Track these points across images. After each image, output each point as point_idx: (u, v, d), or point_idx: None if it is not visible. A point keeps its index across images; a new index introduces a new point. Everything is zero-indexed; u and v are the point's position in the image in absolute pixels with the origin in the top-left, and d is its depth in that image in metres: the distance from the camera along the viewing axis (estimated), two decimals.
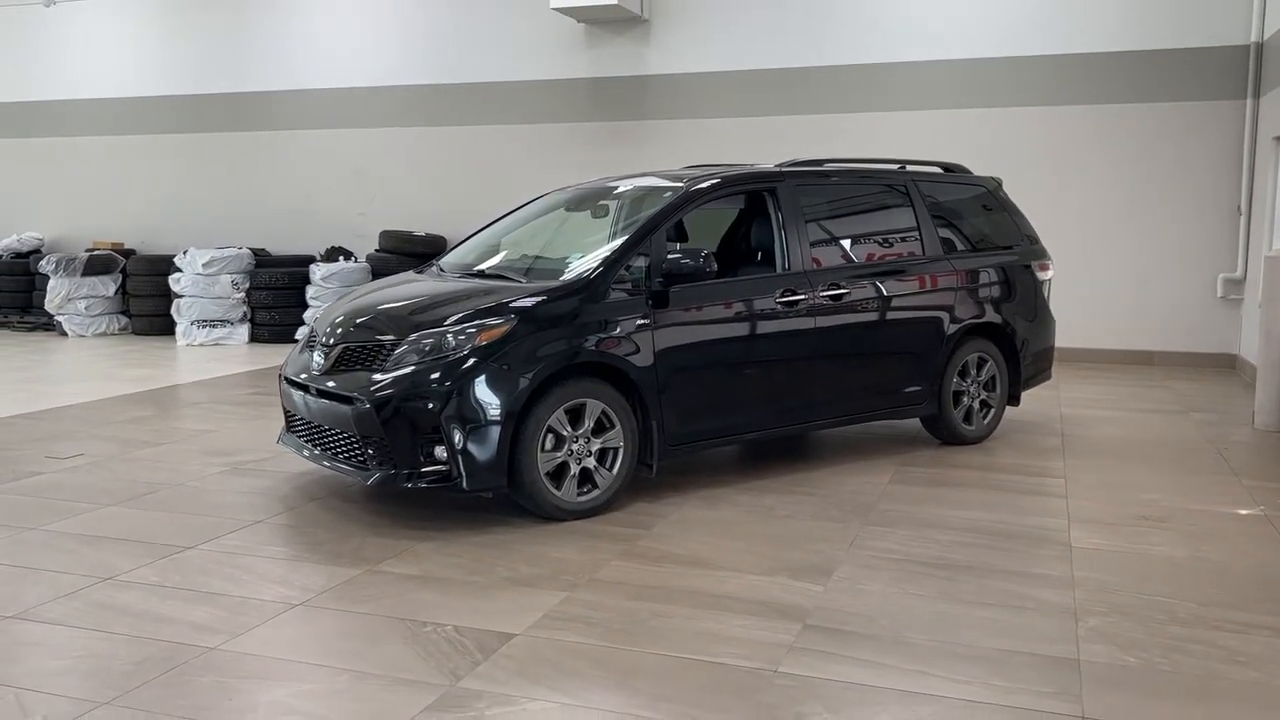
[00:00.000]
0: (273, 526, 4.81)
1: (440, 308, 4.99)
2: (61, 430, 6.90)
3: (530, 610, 3.77)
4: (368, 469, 4.79)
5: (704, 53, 11.03)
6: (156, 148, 13.37)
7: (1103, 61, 9.87)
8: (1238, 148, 9.59)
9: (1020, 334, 6.59)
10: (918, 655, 3.40)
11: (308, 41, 12.56)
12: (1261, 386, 7.01)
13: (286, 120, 12.77)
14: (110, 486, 5.48)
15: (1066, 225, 9.87)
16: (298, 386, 5.21)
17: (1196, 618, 3.73)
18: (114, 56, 13.43)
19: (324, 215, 12.68)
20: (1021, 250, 6.78)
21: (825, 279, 5.71)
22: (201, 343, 11.61)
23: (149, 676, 3.24)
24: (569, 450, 4.83)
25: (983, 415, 6.53)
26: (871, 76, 10.51)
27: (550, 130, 11.67)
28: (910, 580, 4.10)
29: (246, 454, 6.23)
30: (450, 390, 4.60)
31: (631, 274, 5.12)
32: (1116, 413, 7.61)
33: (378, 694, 3.13)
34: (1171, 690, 3.17)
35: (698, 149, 10.58)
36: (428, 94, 12.11)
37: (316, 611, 3.78)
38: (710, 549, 4.48)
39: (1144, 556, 4.40)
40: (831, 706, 3.05)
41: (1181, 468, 5.95)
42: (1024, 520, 4.91)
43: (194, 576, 4.13)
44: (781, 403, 5.61)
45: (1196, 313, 9.85)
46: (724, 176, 5.72)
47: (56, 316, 12.52)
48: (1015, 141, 10.10)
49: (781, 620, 3.69)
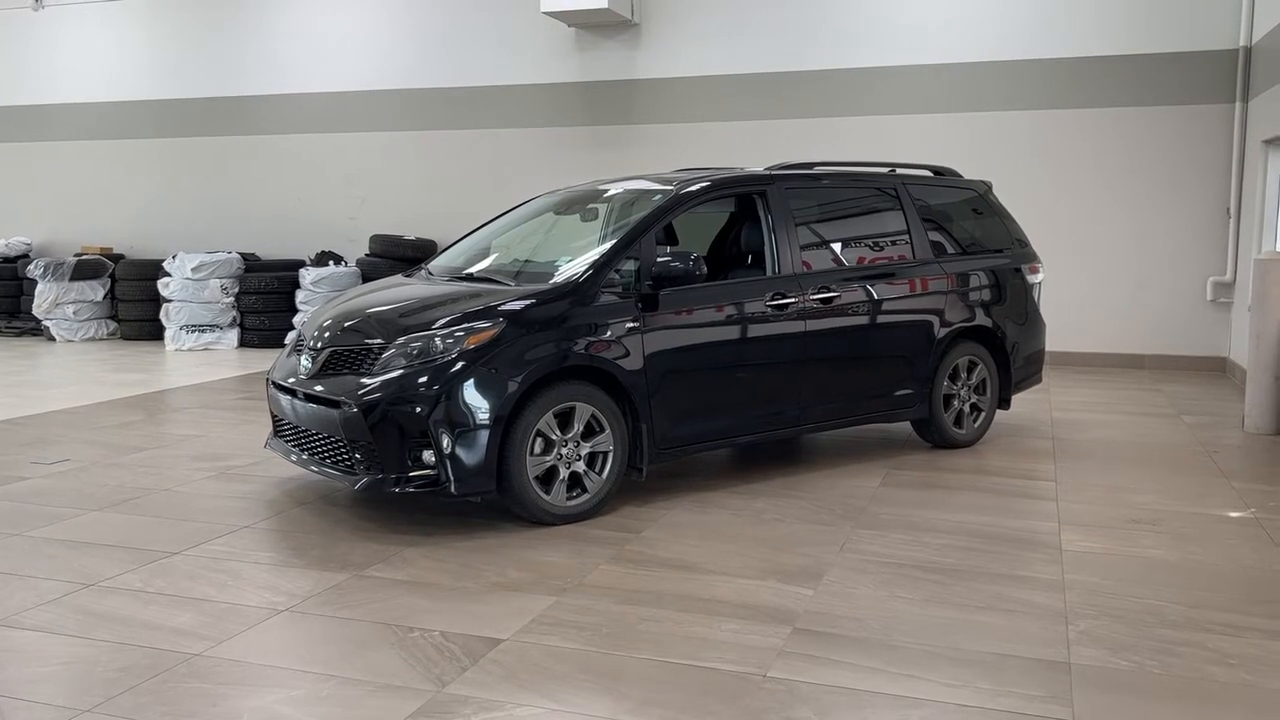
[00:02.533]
0: (259, 531, 4.77)
1: (428, 311, 4.96)
2: (47, 435, 6.85)
3: (518, 615, 3.75)
4: (355, 473, 4.76)
5: (694, 56, 11.03)
6: (145, 152, 13.32)
7: (1092, 66, 9.89)
8: (1227, 151, 9.62)
9: (1010, 337, 6.59)
10: (908, 659, 3.39)
11: (297, 46, 12.53)
12: (1251, 389, 7.02)
13: (276, 124, 12.74)
14: (96, 492, 5.44)
15: (1056, 229, 9.89)
16: (285, 391, 5.18)
17: (1187, 620, 3.72)
18: (103, 60, 13.38)
19: (313, 219, 12.64)
20: (1012, 253, 6.78)
21: (815, 282, 5.70)
22: (190, 347, 11.56)
23: (133, 683, 3.21)
24: (558, 454, 4.80)
25: (973, 418, 6.53)
26: (861, 81, 10.52)
27: (540, 134, 11.65)
28: (900, 584, 4.09)
29: (234, 459, 6.19)
30: (438, 394, 4.58)
31: (621, 277, 5.11)
32: (1107, 416, 7.61)
33: (364, 700, 3.10)
34: (1162, 693, 3.16)
35: (688, 152, 10.57)
36: (417, 98, 12.09)
37: (303, 617, 3.75)
38: (700, 553, 4.46)
39: (1134, 559, 4.40)
40: (821, 711, 3.03)
41: (1172, 470, 5.95)
42: (1014, 523, 4.91)
43: (179, 582, 4.10)
44: (772, 406, 5.60)
45: (1186, 316, 9.88)
46: (714, 180, 5.71)
47: (44, 321, 12.44)
48: (1005, 145, 10.11)
49: (771, 624, 3.67)
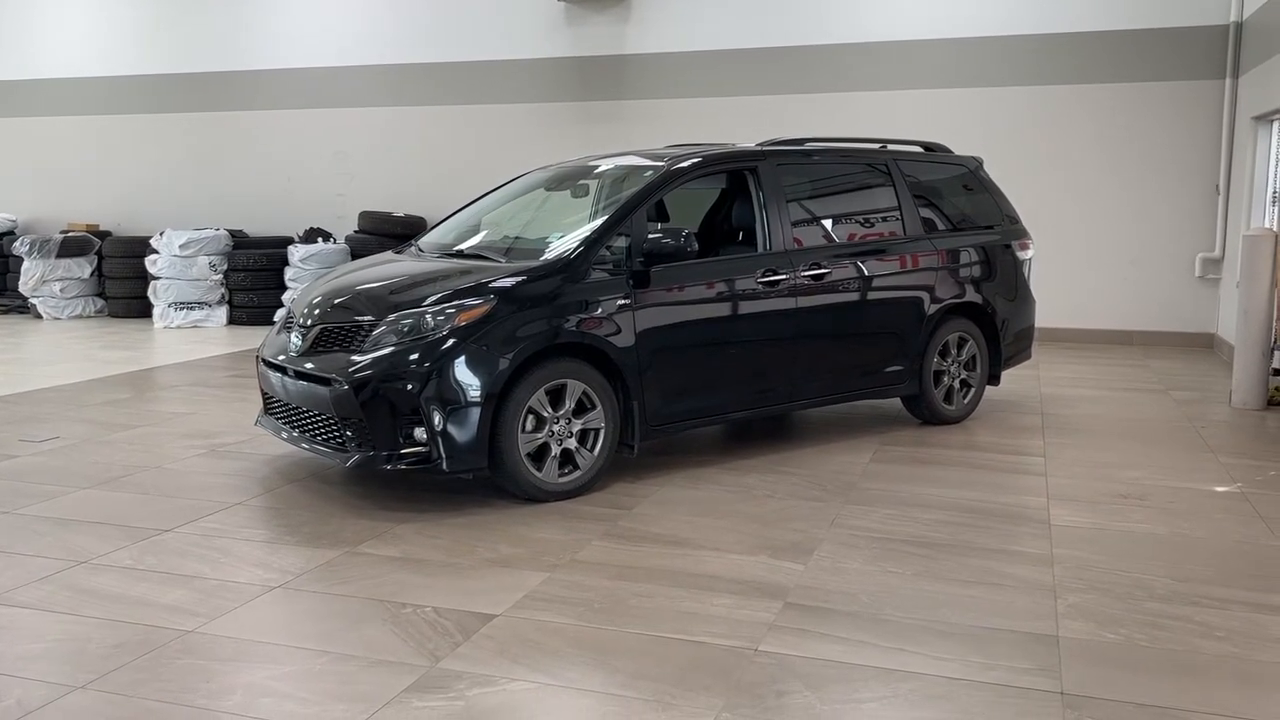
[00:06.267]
0: (251, 509, 4.77)
1: (419, 288, 4.94)
2: (36, 413, 6.82)
3: (511, 591, 3.76)
4: (346, 451, 4.76)
5: (686, 31, 10.96)
6: (132, 128, 13.20)
7: (1083, 41, 9.86)
8: (1216, 127, 9.61)
9: (1001, 313, 6.60)
10: (898, 633, 3.41)
11: (285, 20, 12.41)
12: (1239, 365, 7.06)
13: (264, 100, 12.62)
14: (86, 470, 5.42)
15: (1045, 205, 9.89)
16: (275, 368, 5.16)
17: (1175, 594, 3.75)
18: (89, 35, 13.23)
19: (302, 196, 12.56)
20: (1002, 230, 6.78)
21: (806, 259, 5.70)
22: (179, 325, 11.51)
23: (125, 660, 3.21)
24: (550, 431, 4.81)
25: (963, 395, 6.55)
26: (853, 56, 10.47)
27: (530, 110, 11.58)
28: (891, 558, 4.11)
29: (224, 436, 6.17)
30: (429, 371, 4.57)
31: (612, 254, 5.09)
32: (1096, 392, 7.65)
33: (357, 675, 3.11)
34: (1150, 665, 3.19)
35: (679, 128, 10.53)
36: (407, 73, 12.00)
37: (295, 594, 3.75)
38: (691, 529, 4.48)
39: (1123, 533, 4.43)
40: (812, 684, 3.05)
41: (1160, 446, 5.99)
42: (1004, 498, 4.93)
43: (171, 559, 4.10)
44: (763, 383, 5.60)
45: (1175, 292, 9.91)
46: (705, 156, 5.69)
47: (31, 299, 12.35)
48: (995, 121, 10.09)
49: (762, 599, 3.69)
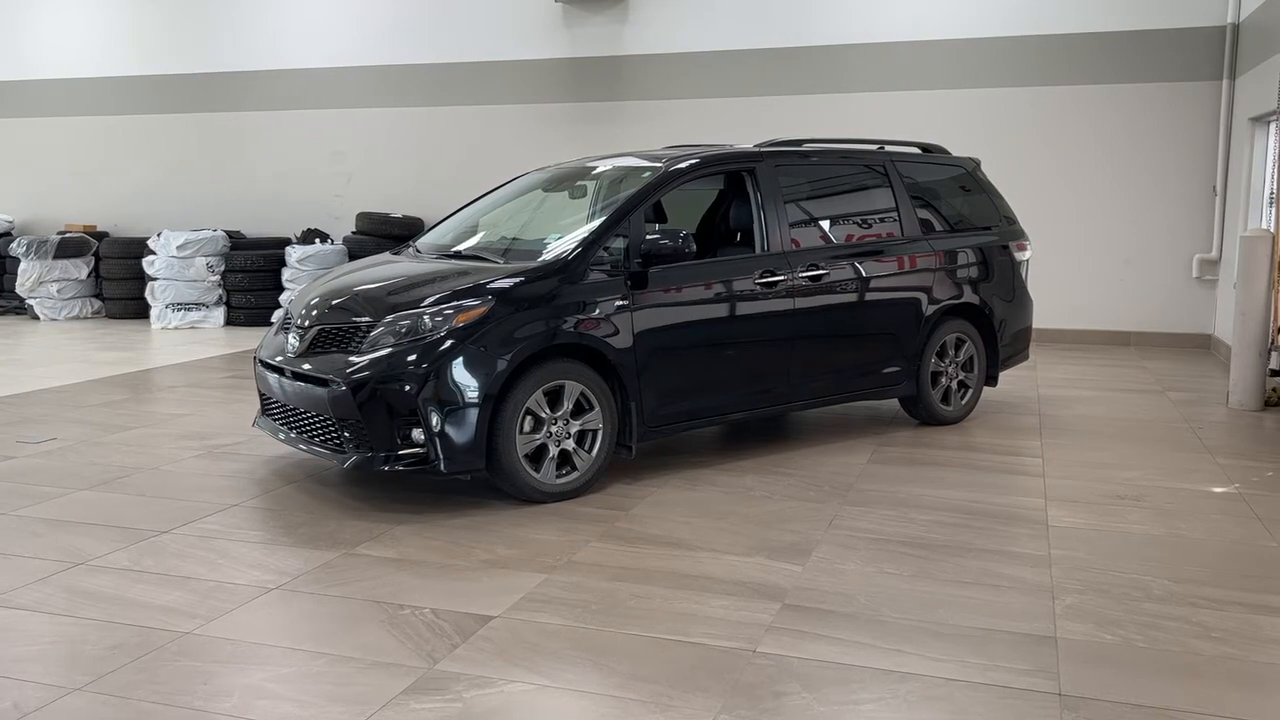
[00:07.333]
0: (248, 510, 4.76)
1: (417, 289, 4.94)
2: (33, 415, 6.81)
3: (509, 592, 3.76)
4: (344, 452, 4.75)
5: (683, 32, 10.96)
6: (130, 129, 13.19)
7: (1081, 42, 9.88)
8: (1213, 128, 9.63)
9: (998, 314, 6.61)
10: (896, 634, 3.41)
11: (283, 21, 12.40)
12: (1236, 366, 7.07)
13: (261, 101, 12.62)
14: (83, 471, 5.41)
15: (1043, 206, 9.90)
16: (273, 369, 5.16)
17: (1172, 595, 3.76)
18: (87, 36, 13.22)
19: (300, 197, 12.55)
20: (999, 231, 6.79)
21: (804, 260, 5.70)
22: (176, 326, 11.50)
23: (122, 662, 3.20)
24: (548, 432, 4.80)
25: (961, 395, 6.55)
26: (852, 58, 10.48)
27: (528, 111, 11.58)
28: (888, 560, 4.11)
29: (222, 438, 6.17)
30: (427, 372, 4.57)
31: (610, 255, 5.09)
32: (1093, 392, 7.65)
33: (355, 677, 3.10)
34: (1148, 666, 3.19)
35: (677, 129, 10.54)
36: (404, 74, 11.99)
37: (293, 595, 3.75)
38: (689, 530, 4.48)
39: (1120, 534, 4.43)
40: (810, 686, 3.05)
41: (1157, 446, 5.99)
42: (1001, 499, 4.94)
43: (168, 561, 4.09)
44: (760, 384, 5.60)
45: (1172, 293, 9.92)
46: (703, 157, 5.69)
47: (28, 300, 12.34)
48: (993, 122, 10.10)
49: (760, 600, 3.69)
